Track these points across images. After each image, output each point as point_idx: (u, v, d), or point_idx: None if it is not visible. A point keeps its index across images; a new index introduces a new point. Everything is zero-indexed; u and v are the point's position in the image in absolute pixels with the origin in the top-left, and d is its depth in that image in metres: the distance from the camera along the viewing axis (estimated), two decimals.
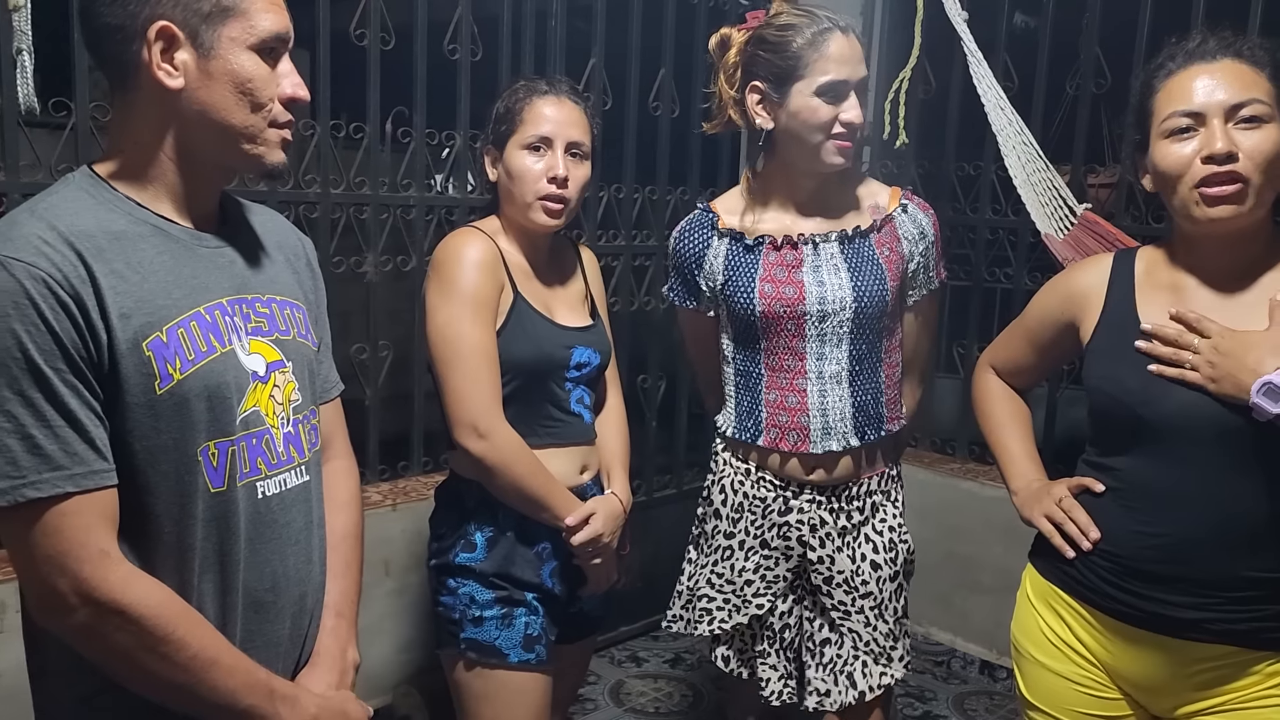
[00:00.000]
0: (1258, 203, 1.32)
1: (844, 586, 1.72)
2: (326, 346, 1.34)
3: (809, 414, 1.68)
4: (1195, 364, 1.33)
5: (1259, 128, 1.31)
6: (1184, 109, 1.33)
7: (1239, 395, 1.28)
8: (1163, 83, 1.37)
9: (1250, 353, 1.29)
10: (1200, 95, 1.33)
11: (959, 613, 3.15)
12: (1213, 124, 1.31)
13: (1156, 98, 1.38)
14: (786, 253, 1.69)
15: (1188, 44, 1.37)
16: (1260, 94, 1.31)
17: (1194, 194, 1.33)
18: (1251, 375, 1.27)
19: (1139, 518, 1.41)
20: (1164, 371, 1.36)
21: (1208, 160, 1.31)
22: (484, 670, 1.66)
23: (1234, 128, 1.31)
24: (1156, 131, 1.37)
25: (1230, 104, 1.31)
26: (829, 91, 1.60)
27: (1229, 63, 1.33)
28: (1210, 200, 1.32)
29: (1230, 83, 1.32)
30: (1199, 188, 1.32)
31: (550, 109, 1.68)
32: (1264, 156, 1.30)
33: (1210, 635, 1.37)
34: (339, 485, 1.34)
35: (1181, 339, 1.36)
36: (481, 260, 1.63)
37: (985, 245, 3.14)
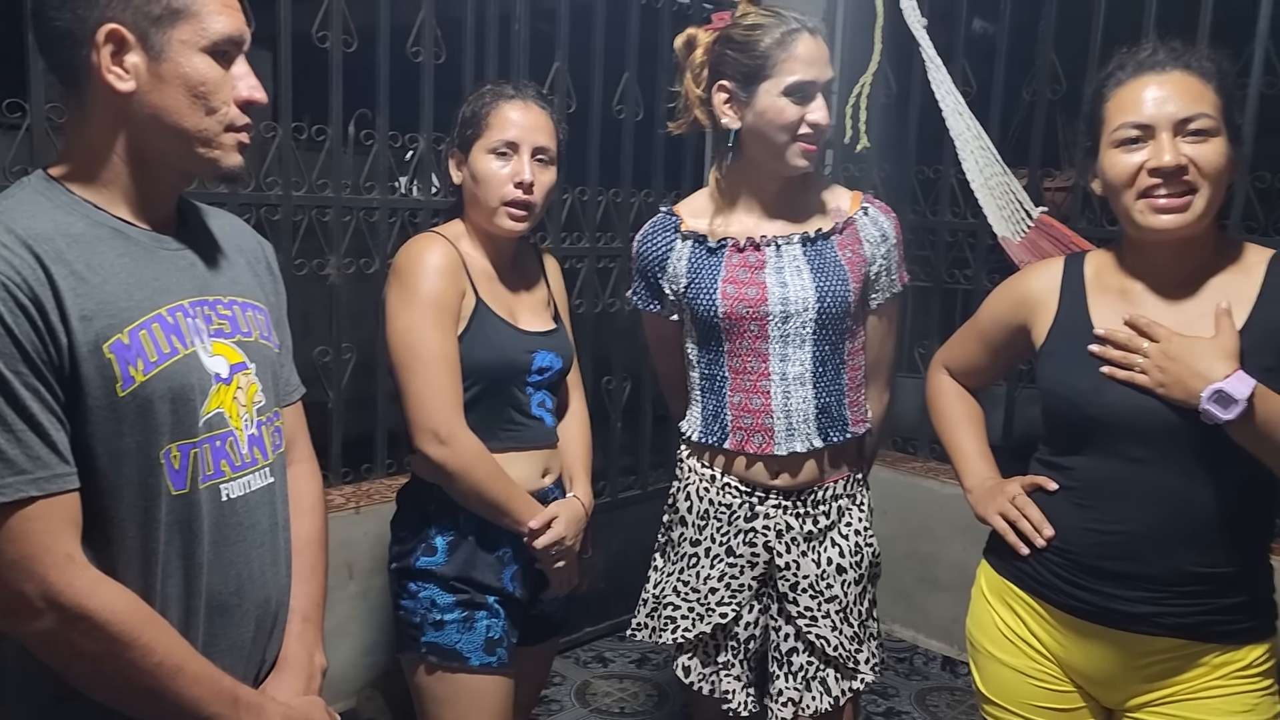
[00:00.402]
0: (1204, 213, 1.35)
1: (809, 591, 1.73)
2: (288, 349, 1.34)
3: (773, 415, 1.69)
4: (1144, 368, 1.36)
5: (1206, 141, 1.34)
6: (1134, 120, 1.36)
7: (1189, 400, 1.31)
8: (1114, 91, 1.40)
9: (1199, 359, 1.32)
10: (1150, 107, 1.35)
11: (920, 610, 3.20)
12: (1161, 137, 1.34)
13: (1107, 106, 1.41)
14: (749, 254, 1.70)
15: (1139, 54, 1.40)
16: (1208, 107, 1.34)
17: (1141, 203, 1.37)
18: (1201, 381, 1.30)
19: (1091, 515, 1.44)
20: (1114, 374, 1.39)
21: (1155, 173, 1.34)
22: (445, 674, 1.66)
23: (1182, 140, 1.34)
24: (1107, 140, 1.40)
25: (1179, 117, 1.34)
26: (796, 92, 1.61)
27: (1179, 75, 1.36)
28: (1157, 210, 1.35)
29: (1179, 95, 1.34)
30: (1145, 197, 1.36)
31: (517, 114, 1.68)
32: (1211, 169, 1.33)
33: (1160, 629, 1.40)
34: (303, 489, 1.34)
35: (1131, 343, 1.39)
36: (443, 265, 1.63)
37: (945, 247, 3.18)
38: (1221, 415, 1.28)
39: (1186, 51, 1.38)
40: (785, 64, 1.61)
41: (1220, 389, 1.28)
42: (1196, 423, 1.32)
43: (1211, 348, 1.32)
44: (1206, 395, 1.29)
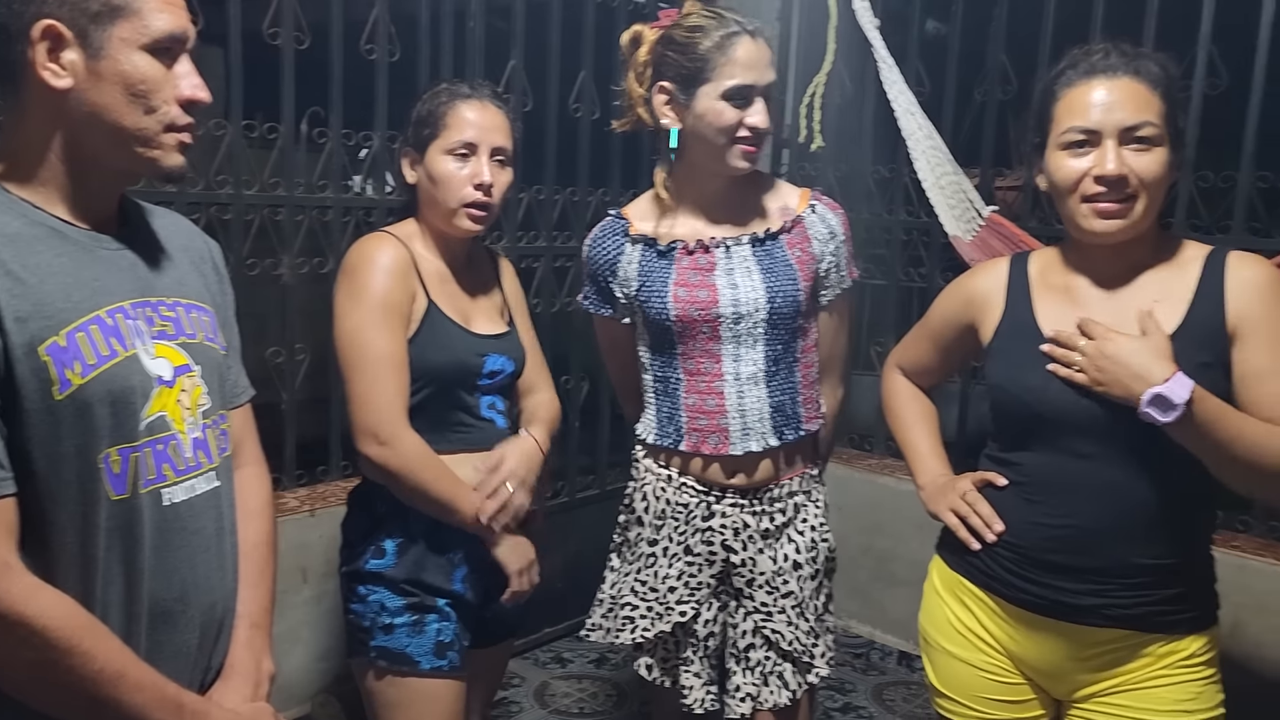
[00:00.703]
0: (1143, 217, 1.38)
1: (765, 588, 1.74)
2: (235, 351, 1.32)
3: (727, 416, 1.70)
4: (1082, 366, 1.38)
5: (1149, 150, 1.36)
6: (1081, 125, 1.38)
7: (1128, 400, 1.33)
8: (1064, 91, 1.42)
9: (1135, 359, 1.33)
10: (1097, 113, 1.37)
11: (877, 605, 3.22)
12: (1106, 144, 1.37)
13: (1057, 106, 1.43)
14: (699, 256, 1.71)
15: (1091, 55, 1.42)
16: (1153, 116, 1.36)
17: (1084, 207, 1.39)
18: (1140, 383, 1.31)
19: (1039, 510, 1.46)
20: (1057, 370, 1.41)
21: (1099, 180, 1.37)
22: (395, 678, 1.64)
23: (1126, 149, 1.36)
24: (1054, 140, 1.42)
25: (1125, 125, 1.36)
26: (735, 96, 1.62)
27: (1127, 81, 1.38)
28: (1099, 214, 1.38)
29: (1126, 103, 1.36)
30: (1088, 202, 1.38)
31: (474, 114, 1.67)
32: (1152, 177, 1.36)
33: (1106, 620, 1.43)
34: (250, 492, 1.32)
35: (1071, 341, 1.41)
36: (393, 266, 1.62)
37: (901, 246, 3.21)
38: (1160, 418, 1.30)
39: (1137, 56, 1.40)
40: (724, 68, 1.61)
41: (1159, 393, 1.30)
42: (1139, 419, 1.34)
43: (1148, 348, 1.34)
44: (1146, 399, 1.31)
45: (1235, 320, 1.36)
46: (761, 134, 1.64)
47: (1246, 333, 1.36)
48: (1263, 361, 1.35)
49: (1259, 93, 2.50)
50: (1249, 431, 1.32)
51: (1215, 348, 1.37)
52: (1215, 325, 1.37)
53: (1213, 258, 1.41)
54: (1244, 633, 2.52)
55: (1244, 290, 1.37)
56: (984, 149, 2.97)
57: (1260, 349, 1.35)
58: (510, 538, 1.70)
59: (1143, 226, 1.40)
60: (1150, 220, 1.40)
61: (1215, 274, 1.39)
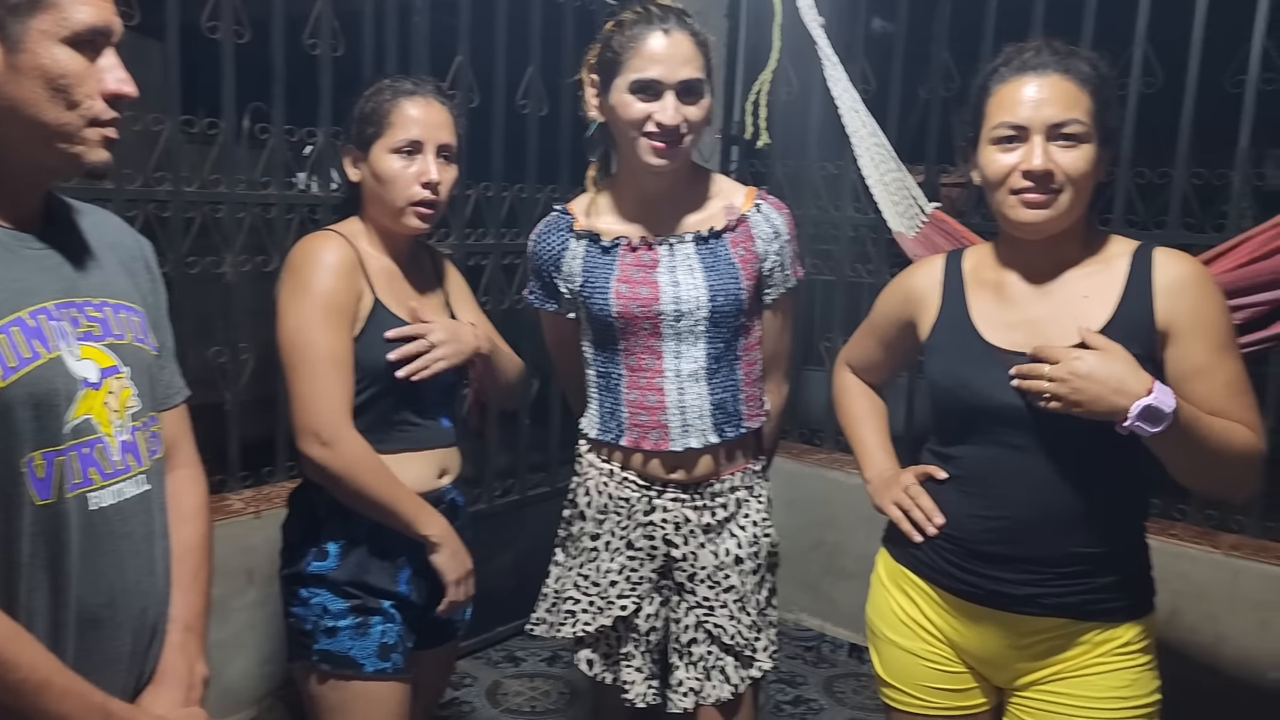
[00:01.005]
0: (1068, 211, 1.40)
1: (707, 582, 1.74)
2: (169, 351, 1.29)
3: (668, 412, 1.70)
4: (1053, 391, 1.35)
5: (1076, 146, 1.39)
6: (1010, 121, 1.41)
7: (1112, 416, 1.32)
8: (996, 87, 1.44)
9: (1112, 373, 1.32)
10: (1026, 110, 1.40)
11: (827, 598, 3.25)
12: (1034, 140, 1.39)
13: (989, 102, 1.45)
14: (643, 253, 1.71)
15: (1024, 52, 1.44)
16: (1080, 113, 1.39)
17: (1012, 199, 1.41)
18: (1124, 397, 1.30)
19: (977, 503, 1.48)
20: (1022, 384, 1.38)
21: (1026, 175, 1.39)
22: (338, 682, 1.62)
23: (1053, 145, 1.39)
24: (986, 135, 1.44)
25: (1052, 122, 1.38)
26: (642, 89, 1.61)
27: (1057, 78, 1.40)
28: (1025, 204, 1.40)
29: (1055, 100, 1.39)
30: (1016, 194, 1.41)
31: (418, 111, 1.65)
32: (1078, 173, 1.39)
33: (1043, 609, 1.45)
34: (185, 495, 1.30)
35: (1034, 370, 1.37)
36: (338, 265, 1.60)
37: (848, 242, 3.24)
38: (1150, 429, 1.30)
39: (1068, 54, 1.42)
40: (632, 61, 1.61)
41: (1150, 405, 1.30)
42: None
43: (1119, 362, 1.33)
44: (1135, 411, 1.30)
45: (1167, 319, 1.39)
46: (670, 131, 1.61)
47: (1180, 331, 1.39)
48: (1200, 359, 1.38)
49: (1193, 91, 2.56)
50: (1216, 428, 1.36)
51: (1145, 342, 1.39)
52: (1145, 322, 1.40)
53: (1140, 253, 1.44)
54: (1181, 620, 2.58)
55: (1173, 289, 1.40)
56: (929, 146, 3.02)
57: (1196, 347, 1.38)
58: (450, 546, 1.67)
59: (1069, 220, 1.42)
60: (1077, 215, 1.43)
61: (1143, 270, 1.42)
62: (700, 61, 1.64)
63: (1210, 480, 1.45)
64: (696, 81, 1.63)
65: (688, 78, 1.62)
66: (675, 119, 1.61)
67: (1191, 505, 2.72)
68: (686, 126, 1.64)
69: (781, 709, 2.88)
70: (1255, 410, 1.42)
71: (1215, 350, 1.39)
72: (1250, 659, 2.51)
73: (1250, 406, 1.41)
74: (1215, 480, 1.44)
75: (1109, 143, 1.43)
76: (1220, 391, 1.39)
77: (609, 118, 1.68)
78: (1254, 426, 1.41)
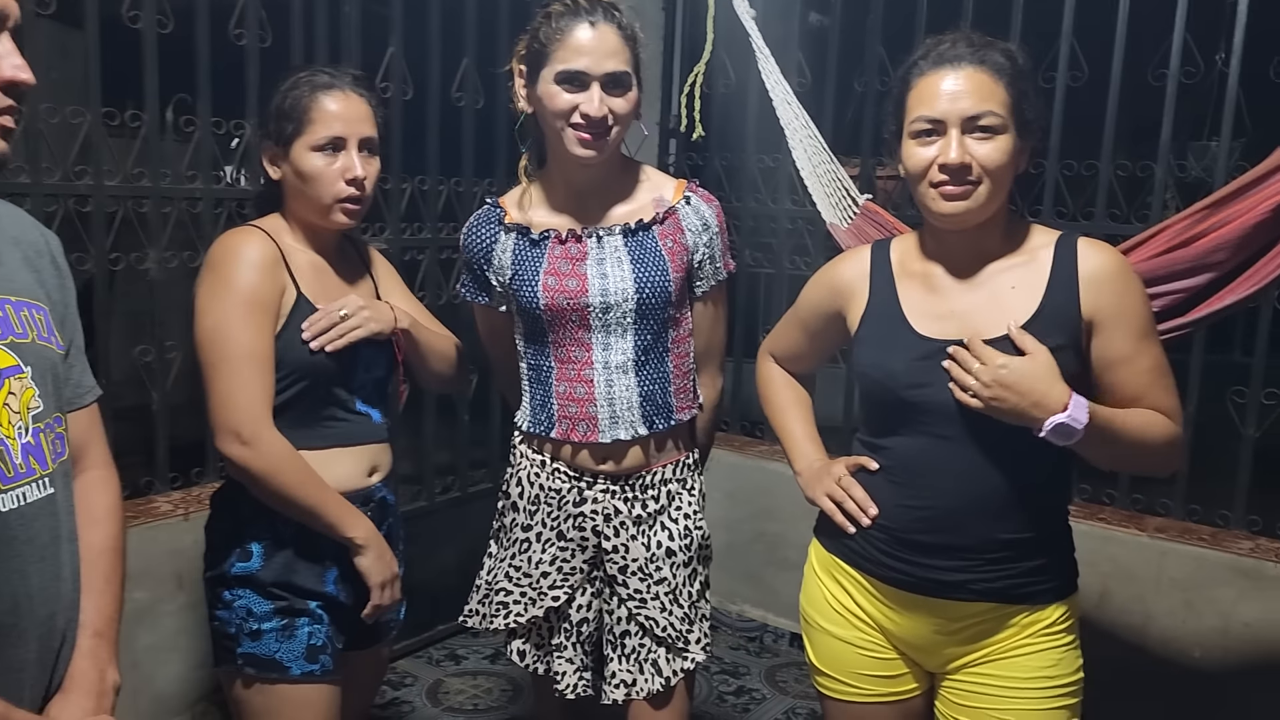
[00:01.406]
0: (987, 202, 1.42)
1: (638, 575, 1.74)
2: (78, 349, 1.25)
3: (596, 404, 1.70)
4: (975, 391, 1.39)
5: (992, 138, 1.40)
6: (927, 115, 1.42)
7: (1024, 425, 1.37)
8: (916, 81, 1.45)
9: (1033, 386, 1.35)
10: (942, 103, 1.41)
11: (769, 589, 3.27)
12: (951, 133, 1.40)
13: (909, 95, 1.46)
14: (571, 246, 1.70)
15: (940, 45, 1.45)
16: (996, 105, 1.40)
17: (931, 192, 1.43)
18: (1039, 410, 1.35)
19: (906, 492, 1.50)
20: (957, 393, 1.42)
21: (942, 168, 1.41)
22: (264, 686, 1.59)
23: (969, 137, 1.40)
24: (906, 128, 1.46)
25: (967, 115, 1.40)
26: (568, 80, 1.61)
27: (972, 71, 1.41)
28: (943, 196, 1.42)
29: (971, 92, 1.40)
30: (935, 187, 1.42)
31: (338, 105, 1.61)
32: (994, 165, 1.40)
33: (973, 594, 1.47)
34: (96, 498, 1.26)
35: (965, 363, 1.41)
36: (259, 260, 1.57)
37: (786, 234, 3.26)
38: (1060, 443, 1.36)
39: (984, 46, 1.43)
40: (558, 52, 1.61)
41: (1061, 423, 1.34)
42: None
43: (1042, 374, 1.36)
44: (1048, 427, 1.35)
45: (1091, 310, 1.42)
46: (596, 122, 1.61)
47: (1104, 322, 1.42)
48: (1123, 347, 1.42)
49: (1117, 85, 2.61)
50: (1132, 424, 1.41)
51: (1069, 332, 1.42)
52: (1070, 312, 1.42)
53: (1063, 244, 1.46)
54: (1110, 601, 2.64)
55: (1097, 280, 1.42)
56: (864, 139, 3.04)
57: (1120, 336, 1.42)
58: (375, 548, 1.64)
59: (988, 211, 1.44)
60: (996, 206, 1.45)
61: (1067, 261, 1.44)
62: (627, 54, 1.64)
63: (1130, 467, 1.49)
64: (623, 74, 1.63)
65: (614, 70, 1.61)
66: (600, 110, 1.60)
67: (1119, 489, 2.78)
68: (613, 118, 1.63)
69: (724, 699, 2.90)
70: (1175, 395, 1.47)
71: (1137, 339, 1.43)
72: (1176, 638, 2.57)
73: (1170, 391, 1.46)
74: (1135, 467, 1.49)
75: (1028, 134, 1.45)
76: (1142, 378, 1.43)
77: (536, 109, 1.68)
78: (1173, 411, 1.46)
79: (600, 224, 1.72)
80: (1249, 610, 2.48)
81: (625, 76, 1.63)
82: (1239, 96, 2.49)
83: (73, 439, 1.21)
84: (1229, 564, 2.51)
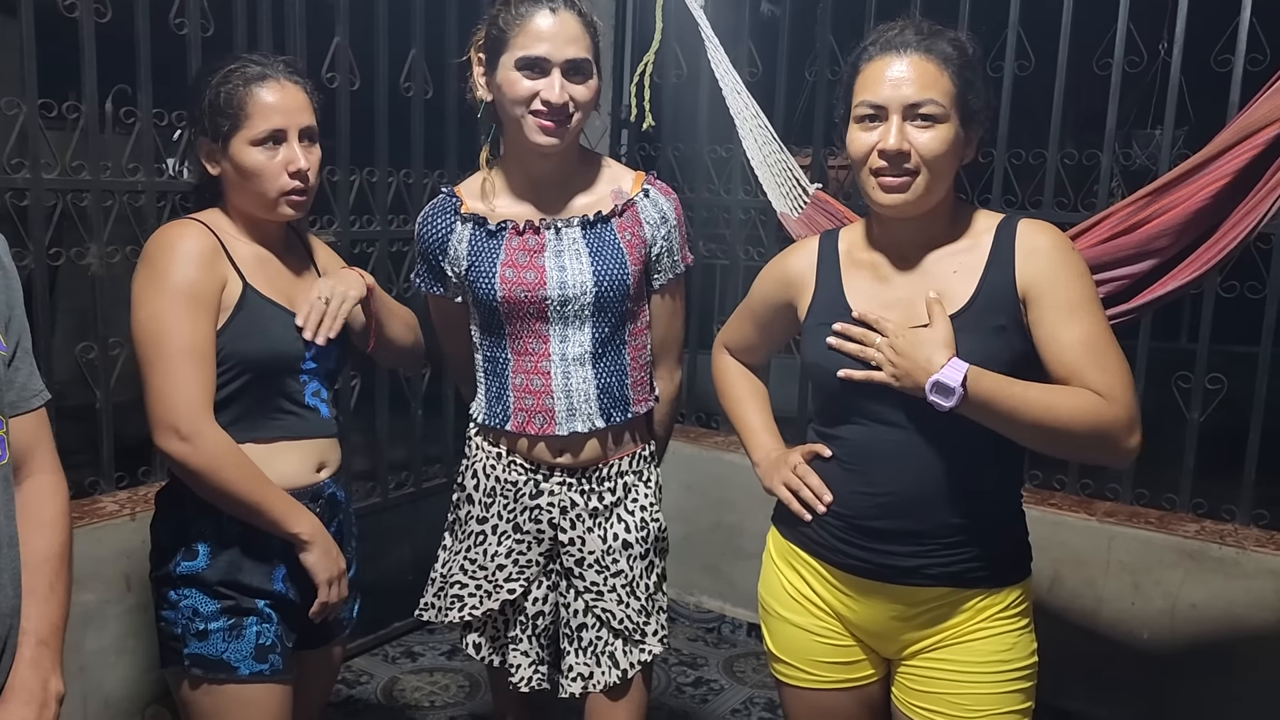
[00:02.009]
0: (926, 193, 1.43)
1: (595, 567, 1.74)
2: (25, 352, 1.22)
3: (553, 396, 1.69)
4: (879, 363, 1.42)
5: (932, 127, 1.41)
6: (870, 100, 1.43)
7: (919, 393, 1.39)
8: (863, 66, 1.46)
9: (921, 350, 1.39)
10: (885, 89, 1.41)
11: (727, 580, 3.28)
12: (892, 120, 1.41)
13: (856, 80, 1.47)
14: (529, 238, 1.69)
15: (889, 32, 1.46)
16: (938, 94, 1.41)
17: (871, 179, 1.44)
18: (924, 374, 1.37)
19: (861, 480, 1.51)
20: (851, 375, 1.45)
21: (881, 154, 1.41)
22: (212, 686, 1.56)
23: (910, 125, 1.41)
24: (852, 114, 1.46)
25: (909, 102, 1.40)
26: (528, 66, 1.60)
27: (917, 59, 1.41)
28: (882, 187, 1.43)
29: (914, 80, 1.41)
30: (875, 175, 1.43)
31: (274, 97, 1.57)
32: (932, 155, 1.41)
33: (929, 579, 1.49)
34: (41, 503, 1.23)
35: (865, 338, 1.45)
36: (196, 254, 1.52)
37: (740, 225, 3.26)
38: (944, 403, 1.37)
39: (931, 34, 1.44)
40: (518, 38, 1.60)
41: (937, 380, 1.36)
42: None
43: (932, 339, 1.39)
44: (928, 388, 1.37)
45: (1025, 284, 1.42)
46: (557, 109, 1.60)
47: (1037, 295, 1.42)
48: (1052, 319, 1.40)
49: (1063, 74, 2.64)
50: (1034, 398, 1.38)
51: (1009, 311, 1.43)
52: (1007, 290, 1.43)
53: (1004, 225, 1.48)
54: (1062, 585, 2.69)
55: (1033, 255, 1.43)
56: (815, 129, 3.05)
57: (1049, 307, 1.41)
58: (320, 544, 1.61)
59: (930, 202, 1.45)
60: (938, 197, 1.45)
61: (1007, 241, 1.45)
62: (587, 42, 1.63)
63: (1056, 450, 1.44)
64: (583, 61, 1.62)
65: (574, 56, 1.60)
66: (561, 97, 1.59)
67: (1069, 475, 2.83)
68: (573, 106, 1.62)
69: (683, 691, 2.90)
70: (1119, 375, 1.38)
71: (1067, 310, 1.40)
72: (1124, 620, 2.62)
73: (1109, 371, 1.38)
74: (1062, 450, 1.44)
75: (973, 124, 1.46)
76: (1072, 352, 1.38)
77: (496, 97, 1.66)
78: (1111, 392, 1.37)
79: (558, 215, 1.71)
80: (1195, 592, 2.53)
81: (586, 64, 1.62)
82: (1182, 85, 2.53)
83: (18, 443, 1.17)
84: (1176, 546, 2.57)
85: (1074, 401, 1.37)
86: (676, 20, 3.01)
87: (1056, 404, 1.37)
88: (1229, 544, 2.52)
